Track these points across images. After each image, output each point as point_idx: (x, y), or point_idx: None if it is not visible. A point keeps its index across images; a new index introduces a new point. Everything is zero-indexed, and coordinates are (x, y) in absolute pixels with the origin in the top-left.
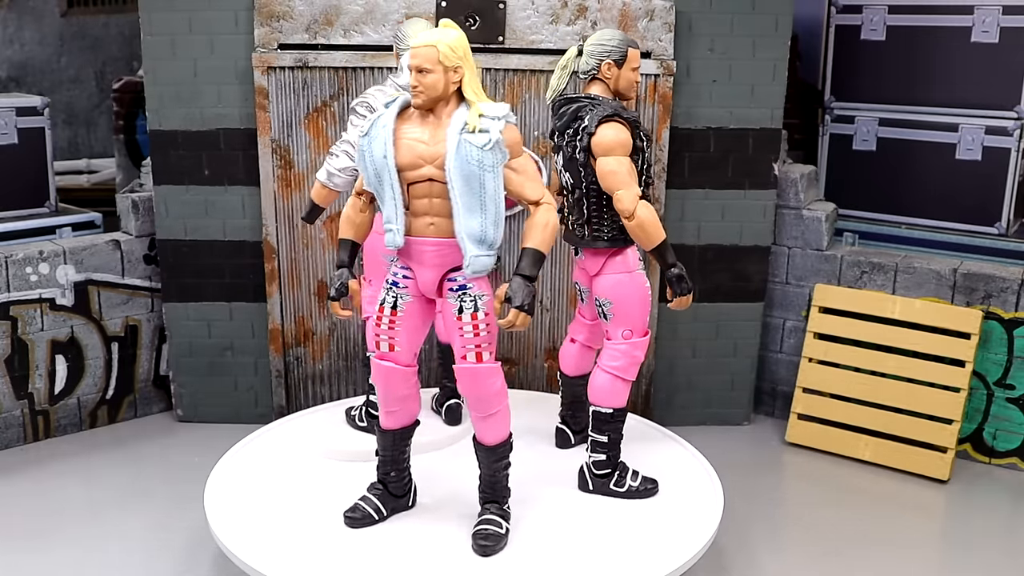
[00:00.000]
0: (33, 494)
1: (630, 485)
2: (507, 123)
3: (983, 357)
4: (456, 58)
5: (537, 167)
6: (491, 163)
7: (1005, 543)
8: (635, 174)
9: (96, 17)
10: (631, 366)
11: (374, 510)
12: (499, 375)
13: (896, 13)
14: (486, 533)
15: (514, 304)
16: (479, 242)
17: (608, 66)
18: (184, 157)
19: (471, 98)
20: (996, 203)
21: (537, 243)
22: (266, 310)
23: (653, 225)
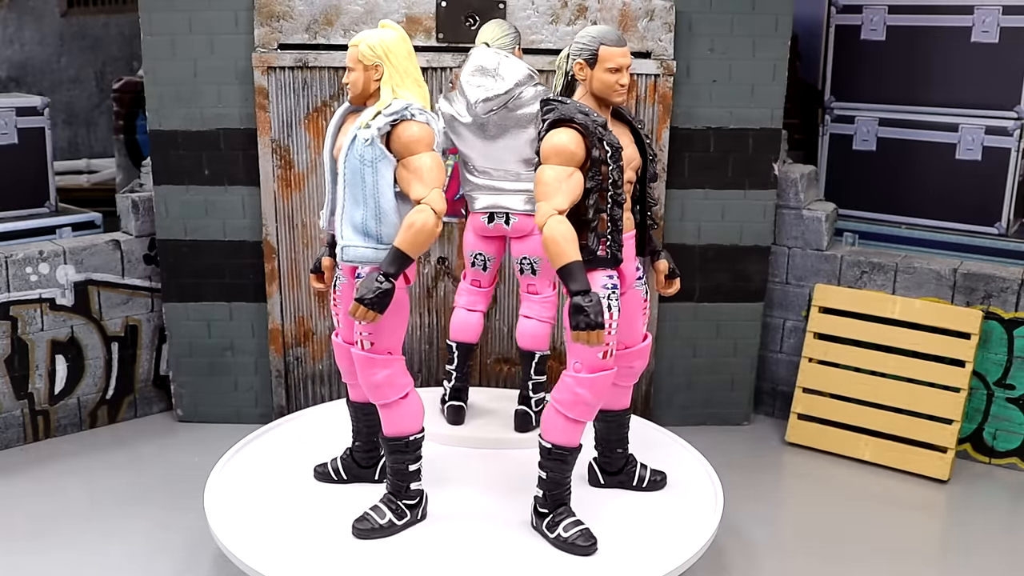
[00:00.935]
0: (33, 494)
1: (559, 534)
2: (407, 120)
3: (983, 357)
4: (375, 57)
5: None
6: (370, 158)
7: (1005, 543)
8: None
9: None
10: (574, 404)
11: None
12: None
13: (896, 13)
14: (362, 517)
15: (355, 295)
16: (360, 233)
17: (579, 67)
18: (184, 157)
19: (385, 96)
20: (996, 203)
21: (398, 241)
22: (266, 310)
23: (556, 244)
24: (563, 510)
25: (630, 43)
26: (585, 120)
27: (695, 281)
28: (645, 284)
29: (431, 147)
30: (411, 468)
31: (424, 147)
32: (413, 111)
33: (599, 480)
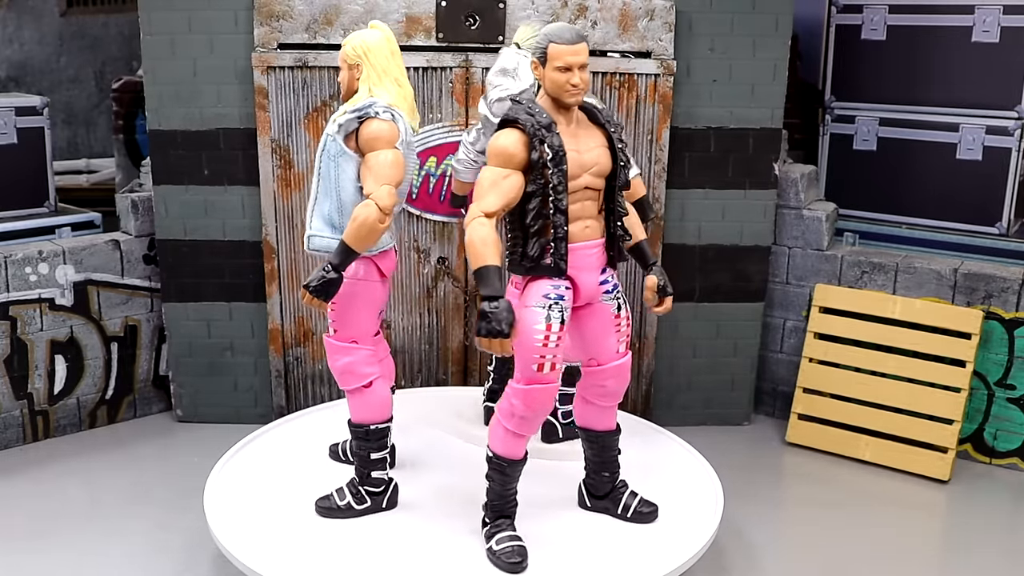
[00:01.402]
0: (33, 494)
1: (491, 547)
2: (371, 118)
3: (984, 357)
4: (355, 56)
5: None
6: (334, 153)
7: (1005, 543)
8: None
9: (96, 17)
10: (510, 415)
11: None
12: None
13: (896, 13)
14: (325, 495)
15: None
16: (327, 224)
17: (534, 65)
18: (184, 157)
19: (361, 93)
20: (997, 203)
21: (344, 234)
22: (266, 310)
23: (473, 247)
24: (501, 522)
25: (630, 43)
26: (529, 120)
27: (695, 281)
28: (617, 299)
29: (391, 144)
30: (373, 456)
31: (383, 144)
32: (377, 108)
33: (585, 503)
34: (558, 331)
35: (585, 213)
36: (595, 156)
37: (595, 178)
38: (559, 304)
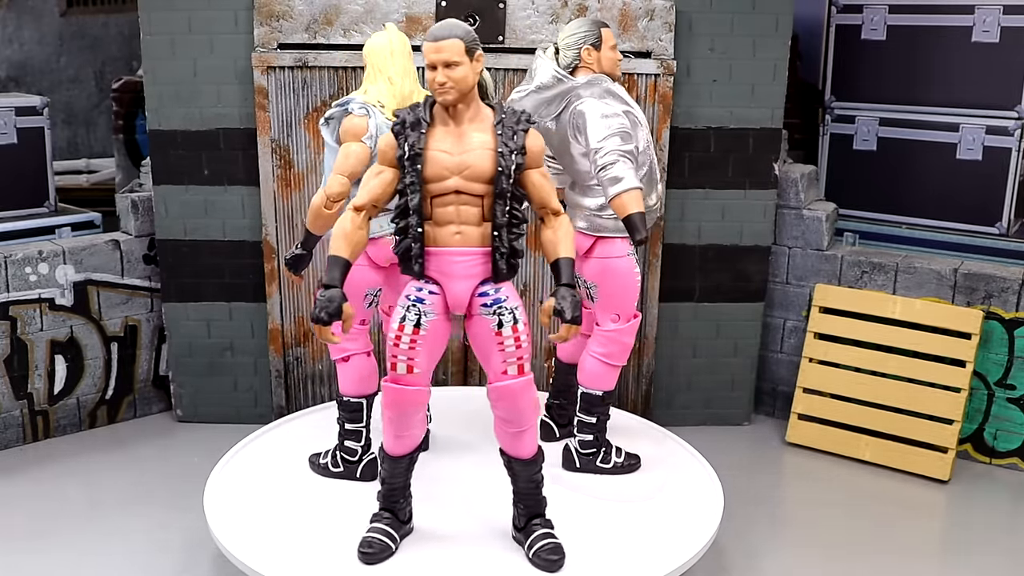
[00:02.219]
0: (33, 494)
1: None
2: (348, 113)
3: (984, 357)
4: (364, 57)
5: None
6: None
7: (1005, 543)
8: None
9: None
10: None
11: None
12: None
13: (897, 13)
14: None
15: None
16: None
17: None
18: (184, 157)
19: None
20: (997, 203)
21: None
22: (266, 310)
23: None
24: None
25: (630, 43)
26: (402, 117)
27: (695, 281)
28: (499, 314)
29: (357, 138)
30: (347, 426)
31: (350, 137)
32: (353, 105)
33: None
34: (411, 333)
35: (459, 218)
36: (471, 159)
37: (469, 182)
38: (417, 307)
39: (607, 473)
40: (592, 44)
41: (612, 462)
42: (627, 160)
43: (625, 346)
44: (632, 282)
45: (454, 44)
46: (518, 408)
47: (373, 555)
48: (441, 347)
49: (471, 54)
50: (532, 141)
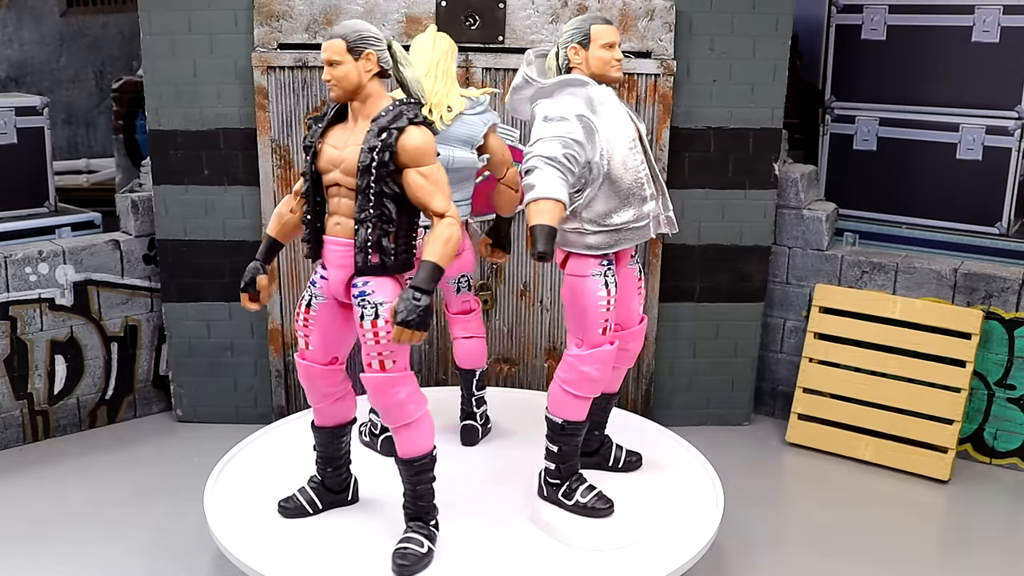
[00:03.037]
0: (33, 494)
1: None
2: None
3: (984, 357)
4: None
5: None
6: None
7: (1005, 543)
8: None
9: (95, 17)
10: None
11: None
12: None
13: (897, 13)
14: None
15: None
16: None
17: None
18: (184, 157)
19: None
20: (997, 203)
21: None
22: (266, 310)
23: None
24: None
25: (630, 43)
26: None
27: (695, 281)
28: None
29: None
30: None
31: None
32: None
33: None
34: (303, 312)
35: (340, 210)
36: (348, 154)
37: (345, 176)
38: (310, 289)
39: (568, 510)
40: (579, 43)
41: (574, 500)
42: (551, 167)
43: (583, 376)
44: (590, 304)
45: (335, 44)
46: (381, 404)
47: (288, 511)
48: (338, 330)
49: (355, 53)
50: (405, 140)
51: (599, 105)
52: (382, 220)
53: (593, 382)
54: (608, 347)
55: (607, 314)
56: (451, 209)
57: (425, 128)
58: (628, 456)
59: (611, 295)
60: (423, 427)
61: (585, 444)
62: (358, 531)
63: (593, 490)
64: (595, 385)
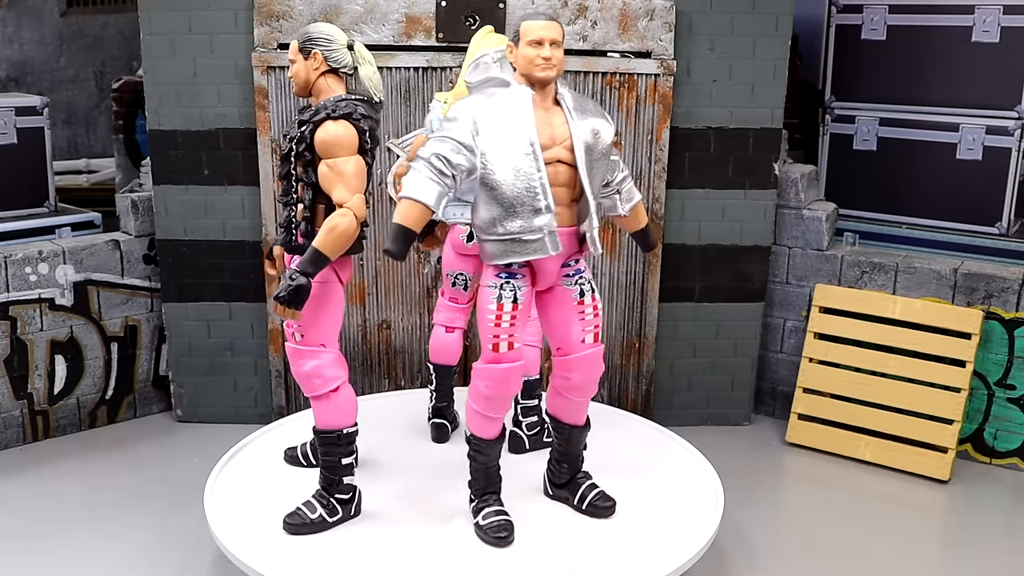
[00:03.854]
0: (33, 494)
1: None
2: None
3: (984, 357)
4: None
5: None
6: None
7: (1005, 543)
8: None
9: (95, 17)
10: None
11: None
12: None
13: (897, 13)
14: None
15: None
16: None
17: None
18: (184, 157)
19: None
20: (997, 203)
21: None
22: (266, 310)
23: None
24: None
25: (630, 43)
26: None
27: (695, 281)
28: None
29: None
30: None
31: None
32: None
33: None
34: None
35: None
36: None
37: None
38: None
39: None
40: (513, 40)
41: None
42: (425, 167)
43: (475, 389)
44: (480, 316)
45: (292, 44)
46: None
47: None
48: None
49: (304, 52)
50: (318, 133)
51: (500, 107)
52: (303, 204)
53: (485, 399)
54: (501, 366)
55: (496, 330)
56: (351, 201)
57: (343, 122)
58: (598, 499)
59: (503, 311)
60: (332, 404)
61: (553, 474)
62: (358, 531)
63: (499, 515)
64: (489, 404)
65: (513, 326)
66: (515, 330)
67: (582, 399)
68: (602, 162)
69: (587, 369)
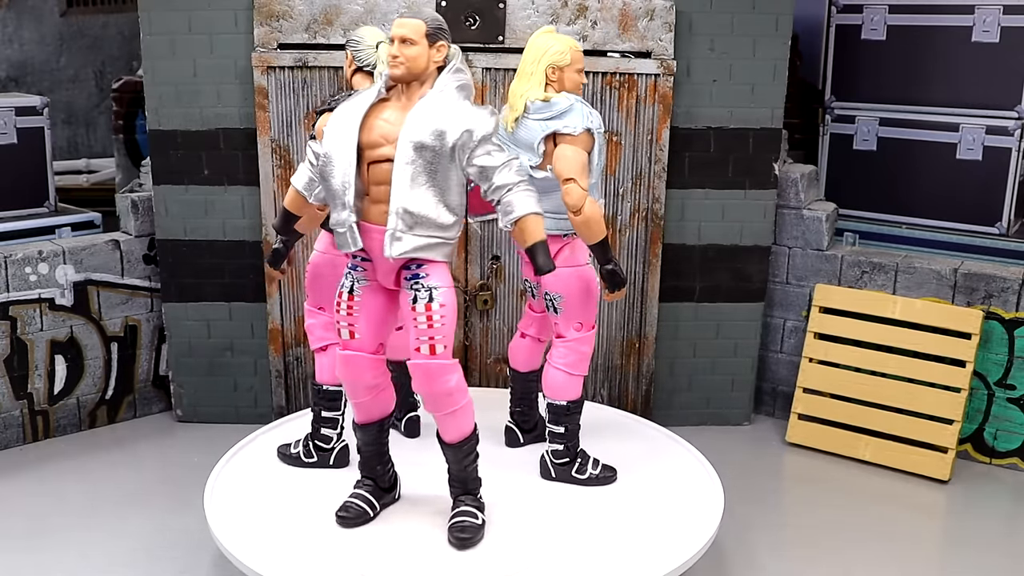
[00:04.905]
0: (33, 494)
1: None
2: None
3: (984, 357)
4: None
5: None
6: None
7: (1005, 543)
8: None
9: (95, 17)
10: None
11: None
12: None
13: (896, 13)
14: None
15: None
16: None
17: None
18: (184, 157)
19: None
20: (997, 203)
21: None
22: (266, 310)
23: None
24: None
25: (630, 43)
26: None
27: (695, 281)
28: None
29: None
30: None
31: None
32: None
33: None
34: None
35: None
36: None
37: None
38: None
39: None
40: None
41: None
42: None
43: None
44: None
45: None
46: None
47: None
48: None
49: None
50: None
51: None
52: None
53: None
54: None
55: (337, 316)
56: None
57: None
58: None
59: (342, 298)
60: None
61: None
62: (358, 530)
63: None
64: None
65: (351, 315)
66: (352, 319)
67: (435, 412)
68: (444, 164)
69: (420, 380)
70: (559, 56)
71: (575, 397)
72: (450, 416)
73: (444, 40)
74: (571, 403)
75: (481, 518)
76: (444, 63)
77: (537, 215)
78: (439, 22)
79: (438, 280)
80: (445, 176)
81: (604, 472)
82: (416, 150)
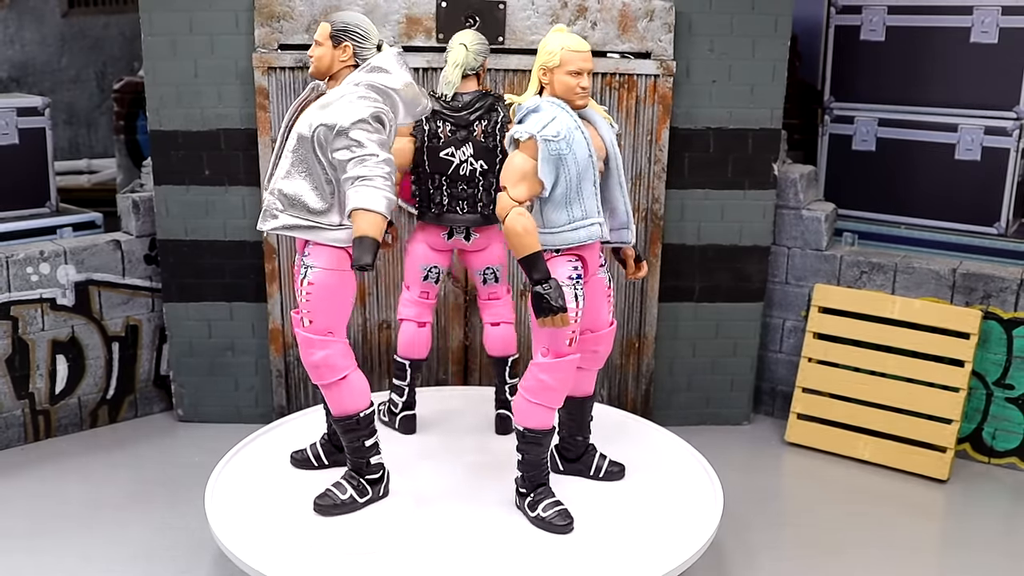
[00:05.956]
0: (33, 494)
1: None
2: None
3: (982, 357)
4: None
5: None
6: None
7: (1004, 543)
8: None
9: (97, 17)
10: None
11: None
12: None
13: (896, 13)
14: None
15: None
16: None
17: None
18: (184, 157)
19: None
20: (995, 203)
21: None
22: (266, 310)
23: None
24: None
25: (629, 43)
26: None
27: (695, 281)
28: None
29: None
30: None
31: None
32: None
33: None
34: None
35: None
36: None
37: None
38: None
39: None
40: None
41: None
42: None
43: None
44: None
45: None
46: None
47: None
48: None
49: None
50: None
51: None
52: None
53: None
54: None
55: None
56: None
57: None
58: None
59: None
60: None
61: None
62: (358, 531)
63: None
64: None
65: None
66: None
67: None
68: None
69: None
70: (547, 57)
71: (534, 426)
72: (325, 390)
73: (348, 42)
74: (528, 431)
75: (350, 496)
76: (355, 62)
77: (366, 211)
78: (345, 24)
79: (315, 260)
80: (317, 166)
81: (556, 519)
82: (299, 140)
